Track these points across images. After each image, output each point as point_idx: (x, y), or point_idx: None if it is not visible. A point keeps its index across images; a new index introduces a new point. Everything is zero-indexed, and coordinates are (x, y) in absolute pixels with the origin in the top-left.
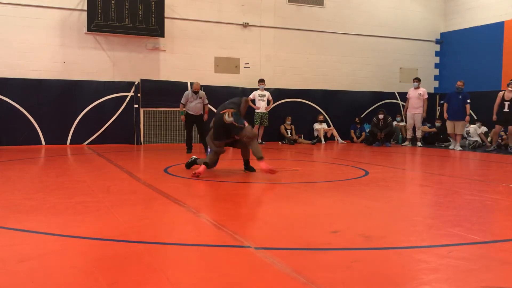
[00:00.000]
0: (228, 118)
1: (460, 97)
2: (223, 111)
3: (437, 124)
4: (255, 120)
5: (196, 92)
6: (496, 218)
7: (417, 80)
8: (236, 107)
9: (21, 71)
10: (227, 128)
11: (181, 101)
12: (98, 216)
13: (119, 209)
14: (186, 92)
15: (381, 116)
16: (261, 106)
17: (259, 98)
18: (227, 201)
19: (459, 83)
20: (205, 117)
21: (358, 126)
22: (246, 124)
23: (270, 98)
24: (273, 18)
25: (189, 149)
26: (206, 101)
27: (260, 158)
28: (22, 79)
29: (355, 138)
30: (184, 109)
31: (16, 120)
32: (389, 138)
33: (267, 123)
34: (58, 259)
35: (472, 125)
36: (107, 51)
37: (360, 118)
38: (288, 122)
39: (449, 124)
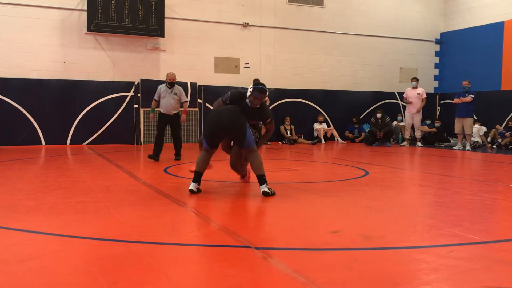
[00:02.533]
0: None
1: (467, 95)
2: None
3: (437, 124)
4: None
5: (171, 85)
6: (496, 218)
7: (416, 79)
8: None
9: (21, 71)
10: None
11: (154, 97)
12: (98, 216)
13: (119, 209)
14: (160, 86)
15: (379, 116)
16: None
17: None
18: (227, 201)
19: (464, 82)
20: (183, 118)
21: (356, 126)
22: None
23: (266, 98)
24: (273, 18)
25: (156, 155)
26: (185, 98)
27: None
28: (22, 79)
29: (351, 137)
30: (156, 106)
31: (16, 120)
32: (388, 138)
33: None
34: (58, 259)
35: (475, 126)
36: (107, 51)
37: (358, 118)
38: (287, 123)
39: (457, 123)
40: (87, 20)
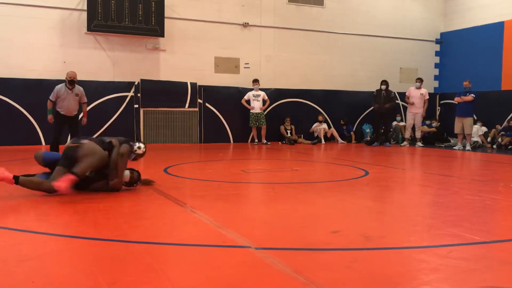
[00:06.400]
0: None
1: (468, 95)
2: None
3: (434, 124)
4: (250, 122)
5: (71, 84)
6: (496, 218)
7: (420, 80)
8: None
9: (21, 71)
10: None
11: (50, 97)
12: (97, 216)
13: (119, 209)
14: (58, 86)
15: (383, 87)
16: (256, 106)
17: (253, 98)
18: (227, 201)
19: (465, 83)
20: (84, 120)
21: (344, 128)
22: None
23: (266, 98)
24: (273, 18)
25: None
26: (85, 99)
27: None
28: (22, 79)
29: (338, 138)
30: (51, 107)
31: (16, 120)
32: (392, 118)
33: (265, 123)
34: (58, 259)
35: (475, 126)
36: (107, 51)
37: (345, 120)
38: (287, 123)
39: (457, 123)
40: (87, 20)
